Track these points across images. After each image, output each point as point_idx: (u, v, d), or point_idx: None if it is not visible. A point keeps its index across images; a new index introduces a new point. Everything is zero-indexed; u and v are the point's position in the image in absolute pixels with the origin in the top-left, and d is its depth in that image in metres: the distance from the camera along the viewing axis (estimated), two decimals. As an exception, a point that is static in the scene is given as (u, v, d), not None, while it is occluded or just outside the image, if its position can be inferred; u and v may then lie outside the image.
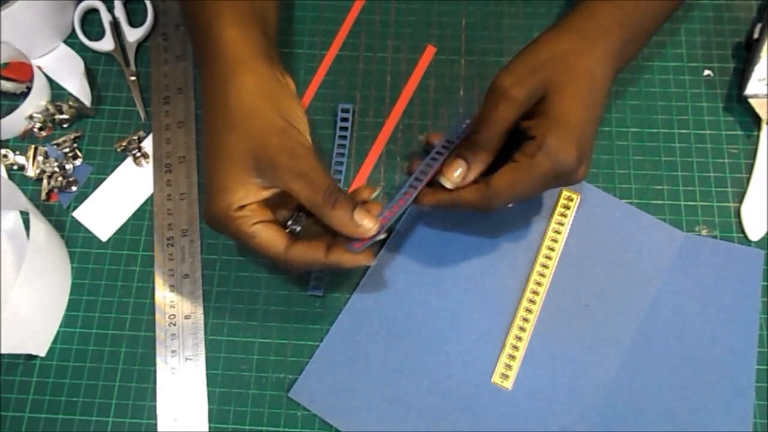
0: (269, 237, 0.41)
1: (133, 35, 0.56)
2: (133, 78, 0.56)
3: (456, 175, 0.44)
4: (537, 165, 0.41)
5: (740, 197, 0.51)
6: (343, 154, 0.53)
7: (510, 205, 0.44)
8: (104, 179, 0.53)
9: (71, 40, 0.57)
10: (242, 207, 0.41)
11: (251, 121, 0.41)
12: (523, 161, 0.42)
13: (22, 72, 0.55)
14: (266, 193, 0.42)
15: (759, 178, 0.51)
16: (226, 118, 0.42)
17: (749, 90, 0.52)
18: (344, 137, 0.53)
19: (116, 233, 0.52)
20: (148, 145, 0.54)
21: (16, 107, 0.53)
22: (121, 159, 0.54)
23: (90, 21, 0.58)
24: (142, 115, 0.55)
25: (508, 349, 0.47)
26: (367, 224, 0.41)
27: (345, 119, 0.53)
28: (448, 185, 0.45)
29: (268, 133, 0.41)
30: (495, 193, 0.43)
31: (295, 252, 0.41)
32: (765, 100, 0.52)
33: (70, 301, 0.50)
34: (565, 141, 0.41)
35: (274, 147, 0.41)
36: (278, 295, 0.50)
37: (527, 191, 0.43)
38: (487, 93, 0.44)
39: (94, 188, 0.53)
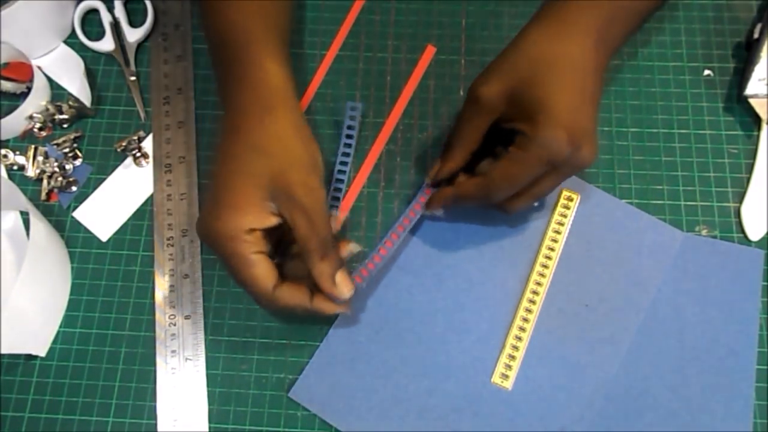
0: (265, 269, 0.42)
1: (133, 35, 0.56)
2: (133, 78, 0.56)
3: (432, 171, 0.48)
4: (529, 156, 0.42)
5: (740, 197, 0.51)
6: (348, 154, 0.52)
7: (526, 204, 0.45)
8: (104, 179, 0.53)
9: (71, 40, 0.57)
10: (251, 231, 0.41)
11: (282, 150, 0.42)
12: (515, 153, 0.43)
13: (22, 72, 0.55)
14: (273, 221, 0.42)
15: (759, 178, 0.51)
16: (257, 143, 0.42)
17: (749, 90, 0.52)
18: (351, 136, 0.52)
19: (116, 233, 0.52)
20: (148, 145, 0.54)
21: (16, 107, 0.53)
22: (121, 159, 0.54)
23: (90, 21, 0.58)
24: (142, 115, 0.55)
25: (508, 349, 0.47)
26: (343, 288, 0.43)
27: (353, 117, 0.52)
28: (427, 180, 0.49)
29: (295, 165, 0.42)
30: (493, 182, 0.44)
31: (281, 292, 0.42)
32: (765, 100, 0.52)
33: (70, 301, 0.50)
34: (552, 128, 0.41)
35: (295, 178, 0.41)
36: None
37: (524, 182, 0.43)
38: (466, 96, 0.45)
39: (94, 188, 0.53)
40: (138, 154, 0.53)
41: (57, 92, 0.56)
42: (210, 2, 0.48)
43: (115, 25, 0.57)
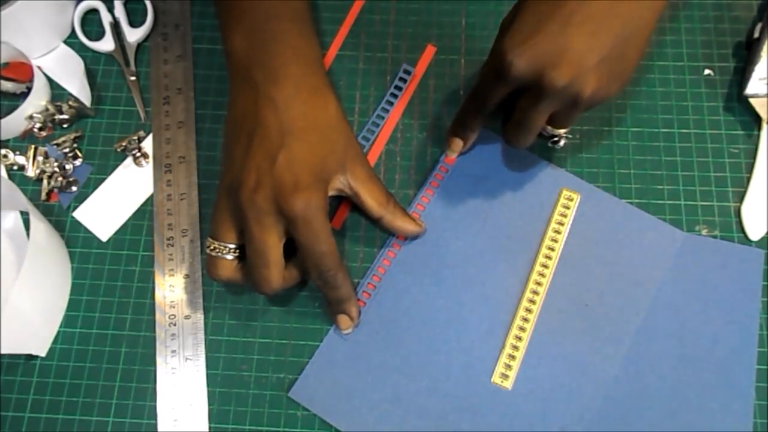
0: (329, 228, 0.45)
1: (133, 35, 0.56)
2: (133, 78, 0.56)
3: (456, 149, 0.51)
4: (496, 83, 0.42)
5: (740, 197, 0.51)
6: (387, 110, 0.54)
7: (524, 135, 0.45)
8: (104, 179, 0.53)
9: (71, 40, 0.57)
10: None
11: (346, 124, 0.47)
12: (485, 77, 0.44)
13: (22, 72, 0.55)
14: (330, 193, 0.45)
15: (759, 178, 0.51)
16: (330, 117, 0.46)
17: (750, 89, 0.52)
18: (395, 95, 0.54)
19: (116, 233, 0.52)
20: (148, 145, 0.54)
21: (16, 107, 0.53)
22: (121, 159, 0.54)
23: (90, 21, 0.58)
24: (142, 115, 0.55)
25: (508, 349, 0.47)
26: (415, 226, 0.49)
27: (403, 79, 0.55)
28: (452, 155, 0.52)
29: (354, 139, 0.47)
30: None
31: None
32: (765, 99, 0.52)
33: (70, 301, 0.50)
34: (506, 51, 0.40)
35: (359, 151, 0.47)
36: (278, 295, 0.50)
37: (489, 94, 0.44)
38: (489, 56, 0.45)
39: (94, 188, 0.53)
40: (138, 154, 0.53)
41: (57, 92, 0.56)
42: None
43: (115, 25, 0.57)
